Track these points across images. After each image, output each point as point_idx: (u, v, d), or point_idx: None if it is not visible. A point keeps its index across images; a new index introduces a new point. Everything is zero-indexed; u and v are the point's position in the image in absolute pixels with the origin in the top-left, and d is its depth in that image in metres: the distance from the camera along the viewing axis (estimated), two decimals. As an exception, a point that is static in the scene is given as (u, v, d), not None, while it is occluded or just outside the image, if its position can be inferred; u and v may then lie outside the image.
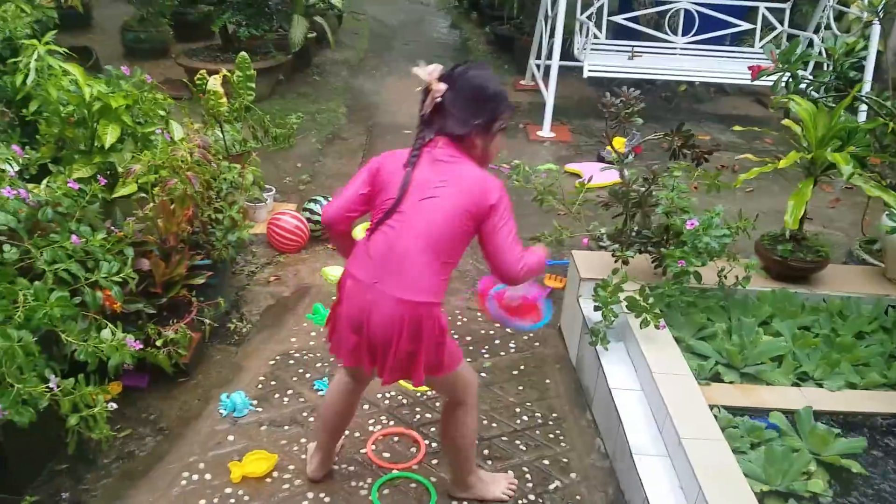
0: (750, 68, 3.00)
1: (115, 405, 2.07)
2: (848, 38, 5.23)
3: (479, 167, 1.86)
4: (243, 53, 3.90)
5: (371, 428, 2.48)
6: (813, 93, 2.85)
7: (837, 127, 2.54)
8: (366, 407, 2.59)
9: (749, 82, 4.84)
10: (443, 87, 1.80)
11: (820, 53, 4.51)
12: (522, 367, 2.88)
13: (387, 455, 2.37)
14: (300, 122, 4.82)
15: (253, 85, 3.89)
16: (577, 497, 2.26)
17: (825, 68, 2.81)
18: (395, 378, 1.88)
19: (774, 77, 2.78)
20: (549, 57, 5.43)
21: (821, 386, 2.41)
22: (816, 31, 5.43)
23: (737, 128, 2.85)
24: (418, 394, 2.67)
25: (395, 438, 2.45)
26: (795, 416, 2.21)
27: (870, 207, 3.33)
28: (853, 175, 2.35)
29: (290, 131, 4.56)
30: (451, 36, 9.41)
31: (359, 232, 2.77)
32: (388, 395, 2.66)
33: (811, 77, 2.87)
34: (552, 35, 5.45)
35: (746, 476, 1.96)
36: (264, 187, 3.71)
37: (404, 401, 2.64)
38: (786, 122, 2.76)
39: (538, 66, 6.35)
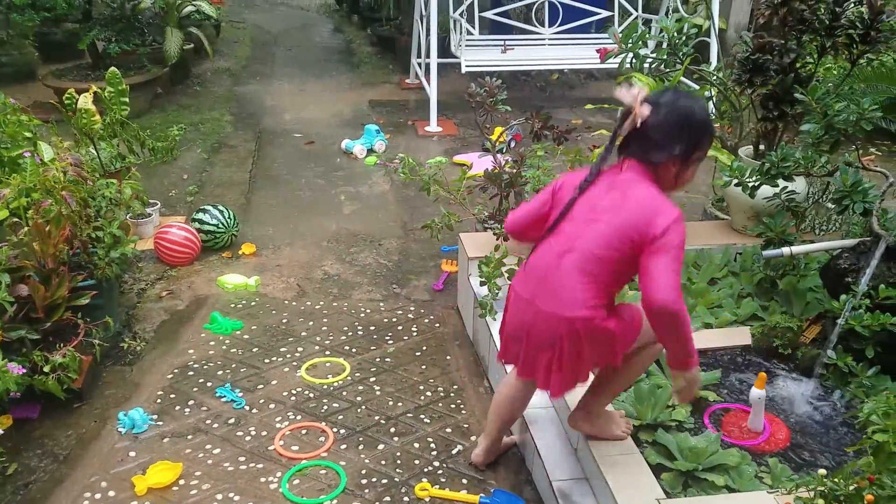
0: (598, 51, 3.26)
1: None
2: (694, 18, 5.72)
3: (662, 191, 1.80)
4: (113, 69, 3.83)
5: (278, 425, 2.54)
6: (658, 69, 3.14)
7: (675, 98, 2.81)
8: (271, 406, 2.64)
9: (599, 65, 5.18)
10: (647, 111, 1.73)
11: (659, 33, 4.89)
12: (425, 348, 3.02)
13: (295, 448, 2.43)
14: (182, 133, 4.76)
15: (126, 100, 3.83)
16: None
17: (664, 47, 3.10)
18: (563, 390, 1.90)
19: (620, 58, 3.03)
20: (429, 55, 5.61)
21: (681, 329, 2.67)
22: (667, 14, 5.88)
23: (588, 106, 3.10)
24: (324, 386, 2.75)
25: (304, 431, 2.52)
26: (661, 356, 2.45)
27: (718, 170, 3.69)
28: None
29: (171, 144, 4.50)
30: (335, 39, 9.44)
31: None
32: (293, 391, 2.72)
33: (653, 56, 3.16)
34: (428, 33, 5.62)
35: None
36: (148, 202, 3.66)
37: (311, 395, 2.71)
38: (633, 97, 3.02)
39: (420, 65, 6.52)
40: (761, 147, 3.20)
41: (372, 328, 3.15)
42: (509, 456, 2.38)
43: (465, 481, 2.29)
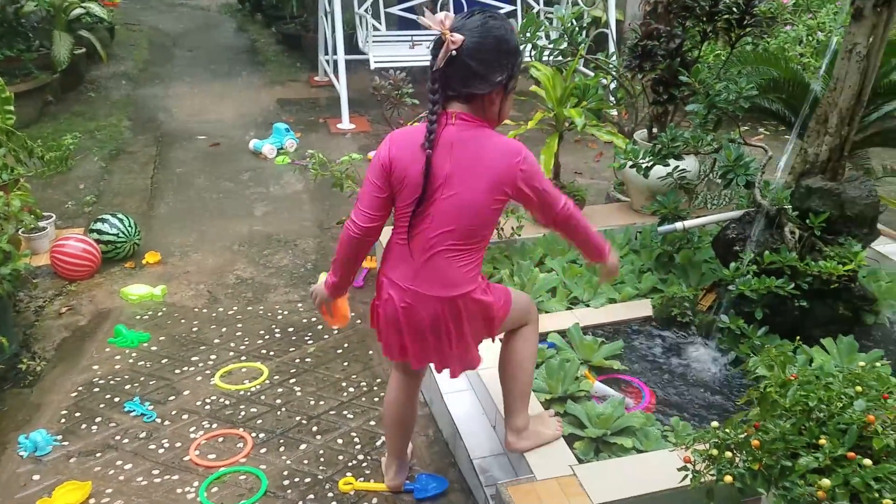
0: (497, 42, 3.31)
1: None
2: (593, 10, 5.92)
3: (493, 130, 1.71)
4: (-7, 76, 3.61)
5: (193, 435, 2.47)
6: (555, 59, 3.24)
7: (571, 86, 2.93)
8: (185, 416, 2.57)
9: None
10: (459, 38, 1.58)
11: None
12: (346, 345, 3.00)
13: (212, 456, 2.37)
14: (77, 141, 4.54)
15: (11, 108, 3.61)
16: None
17: (561, 37, 3.20)
18: (460, 368, 1.90)
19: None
20: (336, 52, 5.56)
21: (588, 306, 2.79)
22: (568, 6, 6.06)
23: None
24: (241, 392, 2.69)
25: (221, 439, 2.46)
26: (567, 333, 2.55)
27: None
28: (585, 126, 2.73)
29: (65, 153, 4.27)
30: (239, 39, 9.19)
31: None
32: (208, 399, 2.66)
33: (551, 46, 3.26)
34: (334, 30, 5.57)
35: (535, 391, 2.24)
36: (41, 215, 3.47)
37: (226, 402, 2.65)
38: (533, 88, 3.12)
39: (328, 62, 6.45)
40: (655, 130, 3.36)
41: (290, 330, 3.11)
42: (435, 441, 2.41)
43: (390, 471, 2.30)
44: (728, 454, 1.46)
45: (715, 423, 1.59)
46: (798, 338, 2.23)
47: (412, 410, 2.11)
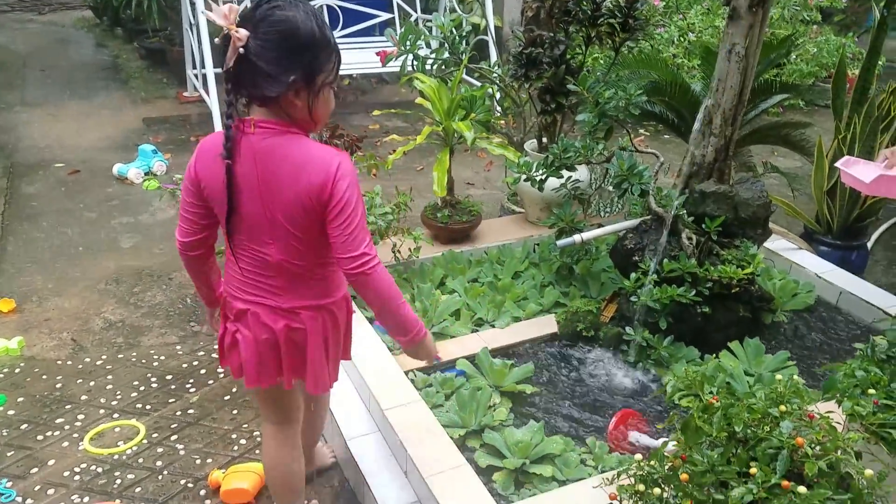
0: (378, 54, 3.18)
1: None
2: (471, 17, 5.90)
3: (306, 137, 1.52)
4: None
5: (61, 513, 2.15)
6: (438, 70, 3.13)
7: (458, 98, 2.83)
8: (50, 491, 2.23)
9: (382, 69, 5.17)
10: (244, 33, 1.39)
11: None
12: (235, 390, 2.73)
13: (89, 535, 2.07)
14: None
15: None
16: (307, 501, 2.21)
17: (442, 46, 3.10)
18: (321, 384, 1.70)
19: (401, 60, 2.98)
20: (205, 65, 5.21)
21: (493, 326, 2.69)
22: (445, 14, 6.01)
23: (376, 112, 3.02)
24: (115, 456, 2.38)
25: (94, 514, 2.16)
26: (476, 358, 2.43)
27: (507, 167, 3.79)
28: (475, 140, 2.63)
29: None
30: (98, 55, 8.50)
31: None
32: (77, 469, 2.32)
33: (433, 56, 3.15)
34: (200, 43, 5.22)
35: (446, 427, 2.11)
36: None
37: (99, 469, 2.32)
38: (419, 100, 2.99)
39: (197, 76, 6.06)
40: (544, 140, 3.33)
41: (169, 377, 2.80)
42: (342, 492, 2.22)
43: (293, 532, 2.08)
44: (657, 490, 1.38)
45: (638, 456, 1.51)
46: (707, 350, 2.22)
47: (299, 466, 1.88)
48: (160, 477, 2.30)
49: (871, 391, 1.44)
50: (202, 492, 2.24)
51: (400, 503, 1.98)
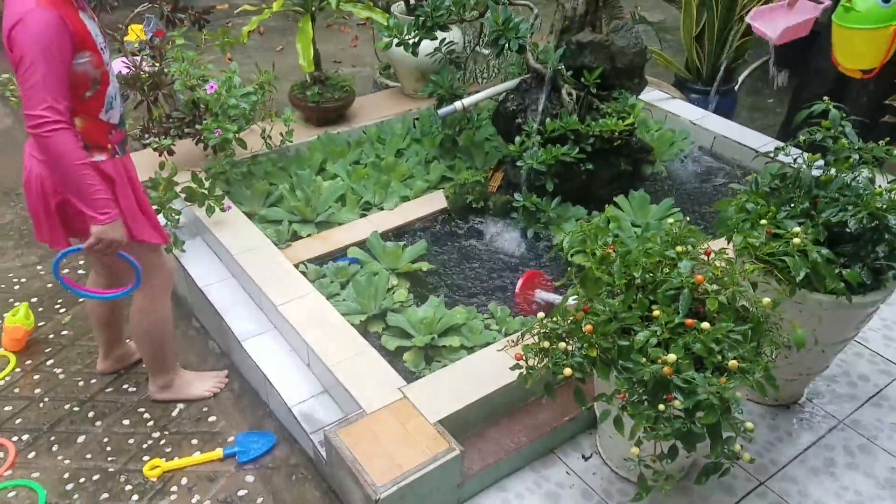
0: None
1: None
2: None
3: None
4: None
5: (-68, 460, 1.93)
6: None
7: (315, -43, 2.53)
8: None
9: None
10: None
11: None
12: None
13: (-34, 478, 1.89)
14: None
15: None
16: (205, 409, 2.12)
17: None
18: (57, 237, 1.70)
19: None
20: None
21: (381, 209, 2.58)
22: None
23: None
24: (-17, 388, 2.15)
25: (-31, 456, 1.96)
26: (367, 243, 2.33)
27: (377, 36, 3.54)
28: (339, 2, 2.38)
29: None
30: None
31: None
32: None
33: None
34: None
35: (345, 315, 2.04)
36: None
37: (-29, 404, 2.10)
38: (270, -37, 2.66)
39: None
40: (412, 1, 3.10)
41: (35, 300, 2.53)
42: (242, 394, 2.13)
43: (195, 441, 2.00)
44: (562, 345, 1.38)
45: (541, 315, 1.50)
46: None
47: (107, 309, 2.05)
48: (41, 405, 2.14)
49: (763, 222, 1.48)
50: (90, 413, 2.09)
51: (306, 395, 1.92)
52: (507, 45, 2.37)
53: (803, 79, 3.16)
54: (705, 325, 1.26)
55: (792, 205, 1.56)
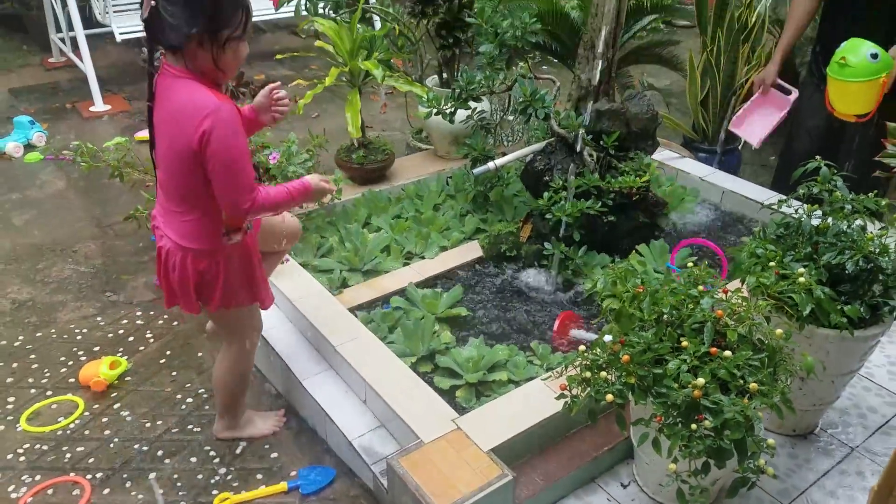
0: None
1: None
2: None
3: (210, 85, 1.64)
4: None
5: (15, 495, 2.10)
6: (331, 12, 3.11)
7: (359, 38, 2.85)
8: (-3, 476, 2.18)
9: (276, 15, 5.05)
10: None
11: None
12: (169, 353, 2.71)
13: (46, 513, 2.06)
14: None
15: None
16: (266, 446, 2.29)
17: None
18: (190, 305, 1.91)
19: (293, 4, 2.94)
20: (72, 28, 4.83)
21: (423, 258, 2.83)
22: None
23: (279, 56, 2.98)
24: (58, 432, 2.34)
25: (50, 491, 2.13)
26: (406, 293, 2.57)
27: (409, 104, 3.86)
28: (384, 77, 2.68)
29: None
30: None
31: None
32: (19, 450, 2.27)
33: (323, -1, 3.12)
34: (65, 5, 4.82)
35: (399, 356, 2.23)
36: None
37: (44, 447, 2.28)
38: (318, 43, 2.97)
39: (63, 40, 5.60)
40: (444, 75, 3.41)
41: (96, 349, 2.73)
42: (301, 432, 2.31)
43: (259, 476, 2.16)
44: (602, 374, 1.59)
45: (582, 348, 1.71)
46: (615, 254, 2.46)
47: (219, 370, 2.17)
48: (111, 445, 2.29)
49: (772, 264, 1.71)
50: (159, 452, 2.26)
51: (364, 429, 2.10)
52: (534, 113, 2.65)
53: (790, 136, 3.41)
54: (727, 353, 1.47)
55: (796, 250, 1.80)
